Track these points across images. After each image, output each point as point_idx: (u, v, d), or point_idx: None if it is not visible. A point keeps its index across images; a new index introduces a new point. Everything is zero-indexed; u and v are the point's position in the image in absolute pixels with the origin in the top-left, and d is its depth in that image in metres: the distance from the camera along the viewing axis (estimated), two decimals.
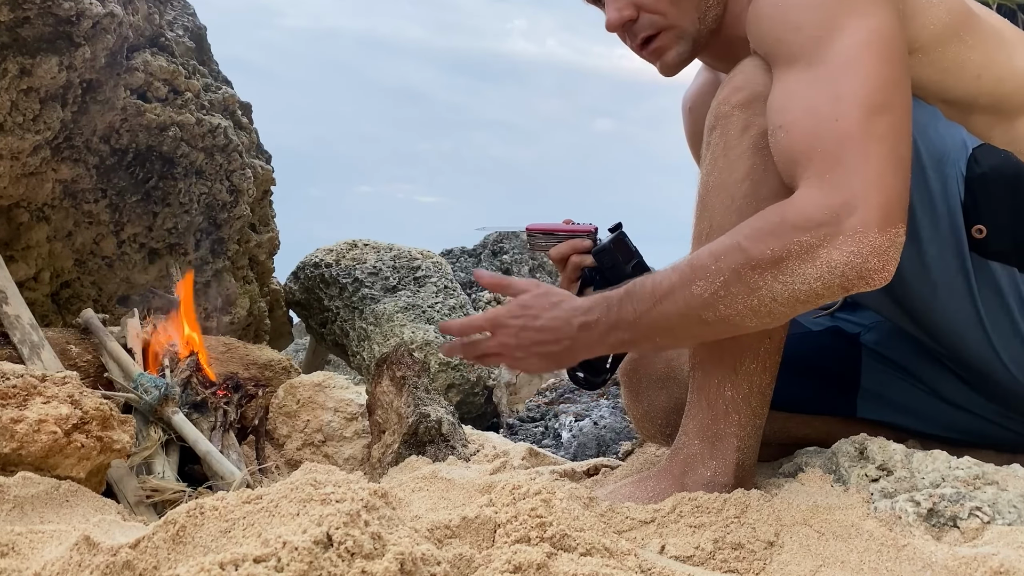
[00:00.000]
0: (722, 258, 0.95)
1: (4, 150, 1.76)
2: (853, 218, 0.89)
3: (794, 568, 0.89)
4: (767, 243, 0.92)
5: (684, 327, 1.00)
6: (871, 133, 0.91)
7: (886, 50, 0.95)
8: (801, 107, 0.96)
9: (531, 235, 1.36)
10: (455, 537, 0.82)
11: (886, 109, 0.93)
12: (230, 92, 2.51)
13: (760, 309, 0.94)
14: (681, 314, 0.98)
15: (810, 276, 0.90)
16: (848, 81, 0.93)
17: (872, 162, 0.90)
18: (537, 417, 2.28)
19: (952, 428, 1.21)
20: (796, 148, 0.95)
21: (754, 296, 0.93)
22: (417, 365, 1.67)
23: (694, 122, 1.38)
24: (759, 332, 1.07)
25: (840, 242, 0.89)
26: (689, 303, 0.97)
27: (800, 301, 0.93)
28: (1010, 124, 1.09)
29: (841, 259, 0.89)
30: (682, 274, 0.99)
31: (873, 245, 0.89)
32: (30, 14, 1.68)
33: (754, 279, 0.93)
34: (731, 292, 0.94)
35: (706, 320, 0.97)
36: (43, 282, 2.10)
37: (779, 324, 1.00)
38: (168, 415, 1.46)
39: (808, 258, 0.90)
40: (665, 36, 1.17)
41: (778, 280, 0.92)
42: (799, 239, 0.90)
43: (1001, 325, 1.06)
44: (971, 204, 1.04)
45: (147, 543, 0.70)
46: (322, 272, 3.14)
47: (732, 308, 0.95)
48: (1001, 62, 1.08)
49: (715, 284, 0.95)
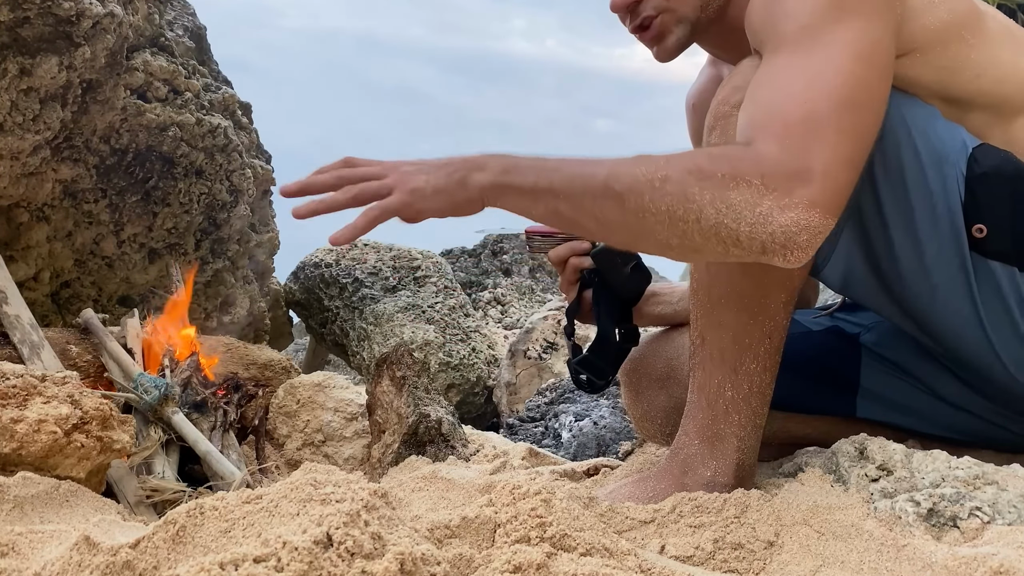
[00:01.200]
0: (674, 159, 0.93)
1: (4, 150, 1.76)
2: (804, 189, 0.88)
3: (794, 568, 0.89)
4: (721, 165, 0.91)
5: (599, 197, 0.95)
6: (837, 125, 0.91)
7: (870, 53, 0.95)
8: (774, 87, 0.96)
9: (530, 237, 1.36)
10: (455, 537, 0.82)
11: (856, 108, 0.93)
12: (230, 92, 2.51)
13: (678, 222, 0.91)
14: (605, 184, 0.94)
15: (744, 218, 0.89)
16: (826, 72, 0.94)
17: (832, 150, 0.90)
18: (537, 417, 2.28)
19: (952, 428, 1.21)
20: (758, 118, 0.94)
21: (683, 204, 0.90)
22: (417, 365, 1.67)
23: (697, 120, 1.38)
24: (759, 332, 1.07)
25: (786, 204, 0.88)
26: (619, 176, 0.93)
27: (719, 237, 0.90)
28: (1008, 124, 1.09)
29: (780, 220, 0.88)
30: (627, 157, 0.96)
31: (812, 222, 0.88)
32: (30, 14, 1.68)
33: (693, 189, 0.90)
34: (665, 188, 0.91)
35: (624, 202, 0.93)
36: (43, 282, 2.10)
37: (679, 256, 0.96)
38: (168, 415, 1.46)
39: (752, 202, 0.88)
40: (664, 19, 1.16)
41: (713, 204, 0.89)
42: (751, 179, 0.89)
43: (1001, 325, 1.06)
44: (971, 203, 1.04)
45: (147, 543, 0.70)
46: (322, 272, 3.14)
47: (655, 205, 0.91)
48: (1005, 62, 1.08)
49: (655, 174, 0.92)
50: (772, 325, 1.08)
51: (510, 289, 3.69)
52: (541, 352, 2.76)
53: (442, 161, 1.01)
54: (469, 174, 0.98)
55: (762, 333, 1.07)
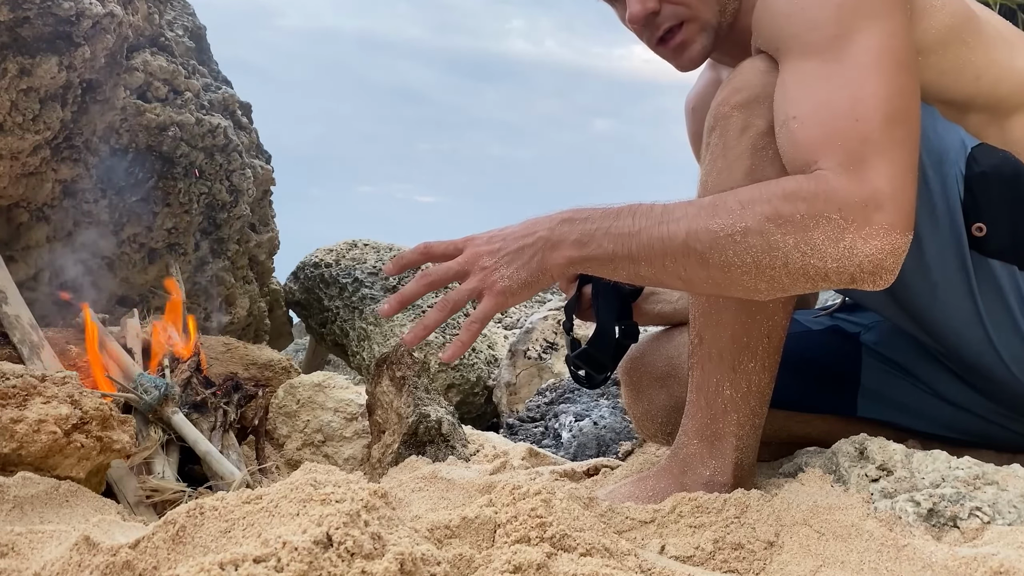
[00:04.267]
0: (749, 206, 0.92)
1: (4, 150, 1.76)
2: (880, 214, 0.88)
3: (794, 568, 0.89)
4: (798, 206, 0.90)
5: (680, 259, 0.95)
6: (891, 138, 0.91)
7: (902, 56, 0.95)
8: (817, 101, 0.95)
9: None
10: (455, 537, 0.82)
11: (904, 117, 0.93)
12: (230, 92, 2.51)
13: (766, 270, 0.92)
14: (686, 243, 0.94)
15: (829, 255, 0.89)
16: (867, 84, 0.93)
17: (894, 166, 0.90)
18: (537, 417, 2.28)
19: (952, 428, 1.21)
20: (813, 139, 0.93)
21: (768, 254, 0.91)
22: (417, 365, 1.67)
23: (696, 122, 1.38)
24: (758, 331, 1.07)
25: (867, 233, 0.88)
26: (698, 235, 0.93)
27: (808, 276, 0.91)
28: (1005, 124, 1.10)
29: (865, 250, 0.88)
30: (701, 207, 0.95)
31: (895, 244, 0.89)
32: (30, 14, 1.68)
33: (776, 237, 0.90)
34: (748, 241, 0.91)
35: (707, 260, 0.93)
36: (43, 282, 2.10)
37: (769, 295, 0.96)
38: (168, 415, 1.46)
39: (835, 237, 0.89)
40: (688, 28, 1.14)
41: (798, 247, 0.90)
42: (830, 215, 0.89)
43: (1001, 323, 1.06)
44: (971, 203, 1.04)
45: (147, 543, 0.70)
46: (322, 272, 3.14)
47: (739, 258, 0.92)
48: (1001, 63, 1.09)
49: (735, 227, 0.92)
50: (771, 324, 1.08)
51: None
52: (541, 352, 2.76)
53: (516, 238, 1.01)
54: (546, 257, 1.00)
55: (761, 332, 1.07)
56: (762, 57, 1.05)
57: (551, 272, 1.00)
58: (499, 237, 1.03)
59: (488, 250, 1.02)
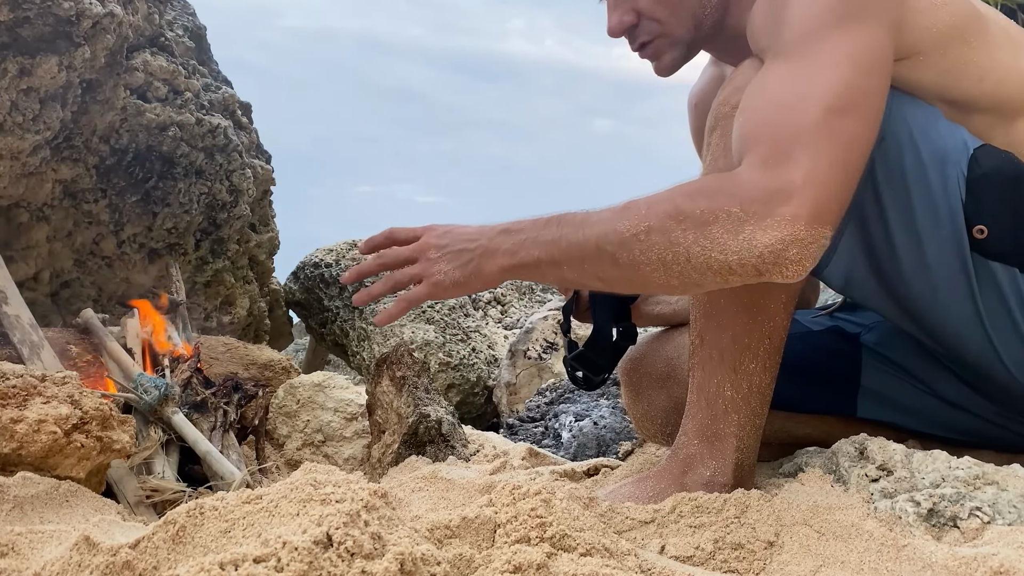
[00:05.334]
0: (654, 205, 0.96)
1: (4, 150, 1.76)
2: (785, 206, 0.89)
3: (794, 568, 0.89)
4: (699, 202, 0.93)
5: (595, 261, 0.99)
6: (825, 131, 0.92)
7: (867, 60, 0.96)
8: (766, 97, 0.97)
9: None
10: (455, 537, 0.82)
11: (848, 112, 0.93)
12: (230, 92, 2.51)
13: (672, 266, 0.94)
14: (597, 246, 0.98)
15: (729, 248, 0.90)
16: (818, 80, 0.94)
17: (818, 159, 0.91)
18: (537, 417, 2.28)
19: (952, 428, 1.21)
20: (748, 132, 0.96)
21: (670, 250, 0.93)
22: (417, 365, 1.67)
23: (699, 118, 1.38)
24: (759, 332, 1.07)
25: (767, 224, 0.89)
26: (608, 237, 0.97)
27: (712, 270, 0.92)
28: (1010, 125, 1.09)
29: (764, 240, 0.89)
30: (613, 212, 0.99)
31: (797, 236, 0.89)
32: (30, 14, 1.68)
33: (676, 233, 0.93)
34: (651, 239, 0.94)
35: (617, 260, 0.97)
36: (43, 282, 2.10)
37: (684, 291, 1.00)
38: (168, 415, 1.46)
39: (733, 230, 0.90)
40: (659, 42, 1.19)
41: (698, 242, 0.92)
42: (729, 208, 0.91)
43: (1002, 325, 1.06)
44: (972, 205, 1.04)
45: (147, 543, 0.70)
46: (322, 272, 3.14)
47: (645, 256, 0.95)
48: (1005, 63, 1.08)
49: (639, 226, 0.95)
50: (772, 325, 1.08)
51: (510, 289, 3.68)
52: (541, 352, 2.76)
53: (462, 240, 1.09)
54: (482, 263, 1.07)
55: (762, 333, 1.07)
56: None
57: (484, 278, 1.07)
58: (450, 234, 1.11)
59: (436, 244, 1.11)
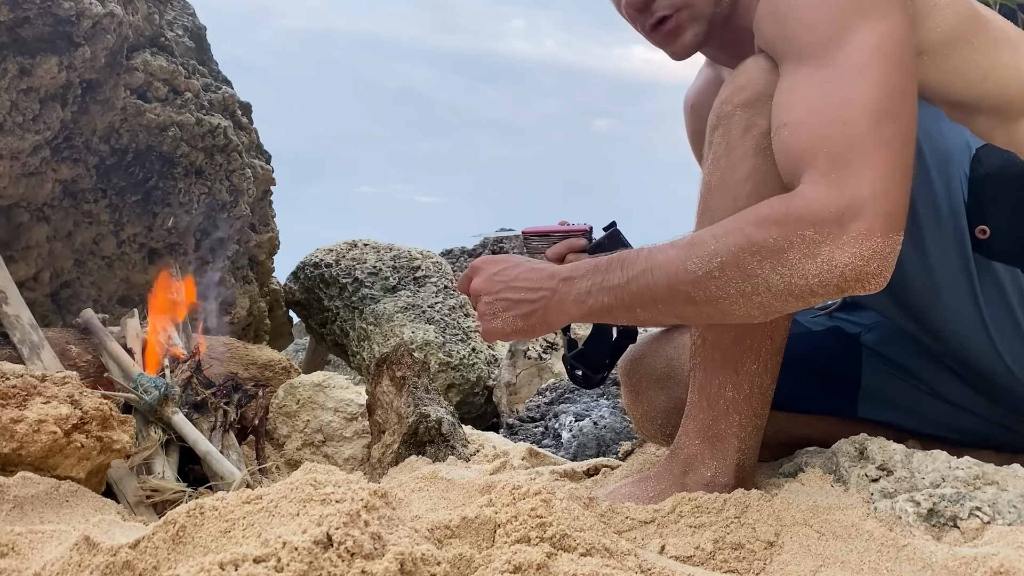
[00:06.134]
0: (722, 239, 0.94)
1: (4, 150, 1.76)
2: (858, 221, 0.88)
3: (794, 568, 0.89)
4: (770, 231, 0.91)
5: (669, 302, 0.98)
6: (878, 139, 0.91)
7: (897, 55, 0.95)
8: (808, 106, 0.95)
9: (527, 238, 1.37)
10: (455, 537, 0.82)
11: (894, 116, 0.92)
12: (230, 92, 2.51)
13: (752, 297, 0.93)
14: (670, 287, 0.97)
15: (809, 271, 0.89)
16: (858, 85, 0.93)
17: (879, 168, 0.90)
18: (537, 417, 2.28)
19: (953, 429, 1.20)
20: (800, 146, 0.94)
21: (748, 282, 0.92)
22: (417, 365, 1.67)
23: (695, 121, 1.38)
24: (760, 333, 1.07)
25: (844, 242, 0.88)
26: (680, 277, 0.96)
27: (793, 295, 0.92)
28: (1012, 126, 1.09)
29: (843, 259, 0.88)
30: (679, 248, 0.97)
31: (875, 249, 0.88)
32: (30, 14, 1.68)
33: (752, 265, 0.91)
34: (726, 274, 0.93)
35: (694, 298, 0.95)
36: (43, 282, 2.10)
37: (765, 318, 0.98)
38: (168, 415, 1.46)
39: (810, 253, 0.89)
40: (682, 15, 1.15)
41: (776, 271, 0.91)
42: (803, 232, 0.89)
43: (1004, 326, 1.06)
44: (974, 205, 1.04)
45: (147, 543, 0.69)
46: (322, 272, 3.14)
47: (723, 291, 0.93)
48: (1006, 64, 1.08)
49: (711, 263, 0.93)
50: (773, 326, 1.08)
51: None
52: (541, 352, 2.76)
53: (518, 289, 1.07)
54: (548, 314, 1.06)
55: (763, 334, 1.07)
56: (765, 55, 1.05)
57: (551, 327, 1.08)
58: (502, 280, 1.09)
59: (487, 289, 1.10)
